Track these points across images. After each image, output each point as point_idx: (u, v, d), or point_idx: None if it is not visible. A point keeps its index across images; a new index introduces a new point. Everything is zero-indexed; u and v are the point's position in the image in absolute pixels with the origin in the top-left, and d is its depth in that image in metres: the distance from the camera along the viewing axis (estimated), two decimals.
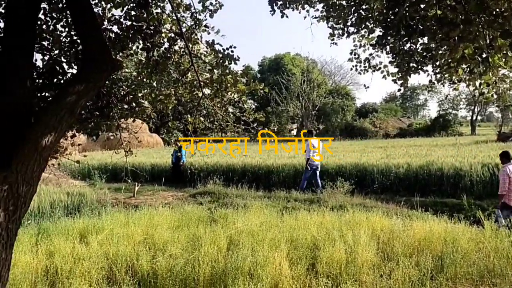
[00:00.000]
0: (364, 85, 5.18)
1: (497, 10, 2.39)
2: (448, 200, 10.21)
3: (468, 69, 2.92)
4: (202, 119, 5.64)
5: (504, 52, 2.57)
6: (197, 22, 4.85)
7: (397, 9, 3.42)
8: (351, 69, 4.90)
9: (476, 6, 2.24)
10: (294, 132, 53.63)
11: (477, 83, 3.12)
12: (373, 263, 4.58)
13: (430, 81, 4.03)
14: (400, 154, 16.43)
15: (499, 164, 10.96)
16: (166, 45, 4.83)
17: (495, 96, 3.63)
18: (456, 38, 2.44)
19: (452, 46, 2.58)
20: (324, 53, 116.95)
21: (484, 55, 2.56)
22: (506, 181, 7.42)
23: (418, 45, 3.77)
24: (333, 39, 4.52)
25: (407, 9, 3.14)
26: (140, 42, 4.76)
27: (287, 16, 4.70)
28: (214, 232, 5.61)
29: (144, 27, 4.53)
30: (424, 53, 3.68)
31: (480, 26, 2.37)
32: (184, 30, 4.60)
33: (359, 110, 54.63)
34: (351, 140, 38.42)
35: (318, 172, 12.06)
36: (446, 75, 3.60)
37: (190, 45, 4.55)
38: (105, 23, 4.62)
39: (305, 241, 5.18)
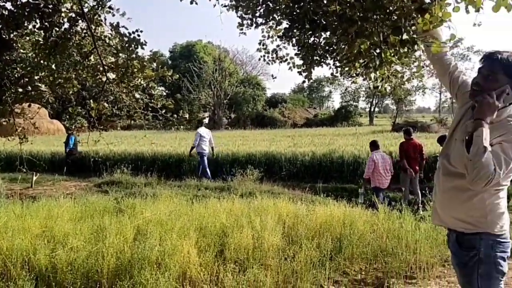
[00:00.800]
0: (272, 75, 5.32)
1: (390, 8, 2.59)
2: (348, 186, 10.96)
3: (364, 63, 3.15)
4: (106, 105, 5.40)
5: (396, 48, 2.80)
6: (100, 2, 4.60)
7: (302, 3, 3.55)
8: (259, 59, 4.99)
9: (371, 4, 2.42)
10: (206, 120, 53.42)
11: (372, 77, 3.38)
12: (279, 247, 4.76)
13: (332, 74, 4.25)
14: (306, 143, 17.22)
15: (393, 152, 12.03)
16: (66, 25, 4.52)
17: (388, 90, 3.95)
18: (354, 33, 2.62)
19: (350, 41, 2.76)
20: (236, 42, 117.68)
21: (378, 51, 2.78)
22: (371, 166, 8.66)
23: (321, 39, 3.96)
24: (242, 29, 4.55)
25: (311, 3, 3.28)
26: (37, 21, 4.39)
27: (196, 3, 4.63)
28: (121, 222, 5.42)
29: (42, 5, 4.19)
30: (326, 47, 3.88)
31: (375, 23, 2.56)
32: (86, 10, 4.34)
33: (269, 100, 56.01)
34: (262, 129, 39.35)
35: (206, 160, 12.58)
36: (346, 69, 3.83)
37: (93, 27, 4.31)
38: None
39: (214, 229, 5.22)
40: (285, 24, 4.19)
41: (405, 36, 2.36)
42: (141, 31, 4.34)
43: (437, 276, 4.54)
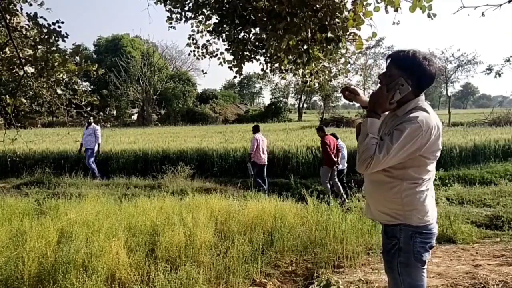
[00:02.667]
0: (202, 71, 5.28)
1: (317, 6, 2.67)
2: (278, 180, 11.19)
3: (293, 59, 3.23)
4: (24, 100, 5.03)
5: (323, 45, 2.90)
6: None
7: None
8: (189, 54, 4.94)
9: (298, 1, 2.48)
10: (135, 116, 51.83)
11: (301, 73, 3.48)
12: (211, 243, 4.75)
13: (262, 69, 4.31)
14: (238, 138, 17.31)
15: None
16: None
17: (317, 85, 4.09)
18: (282, 30, 2.67)
19: (279, 37, 2.81)
20: (165, 37, 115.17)
21: (306, 47, 2.86)
22: (255, 144, 10.25)
23: (251, 35, 4.00)
24: (171, 23, 4.46)
25: None
26: None
27: None
28: (43, 225, 5.10)
29: None
30: (256, 43, 3.92)
31: (303, 19, 2.63)
32: None
33: (200, 96, 55.51)
34: (193, 125, 38.94)
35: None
36: (276, 65, 3.90)
37: (8, 17, 3.98)
38: None
39: (144, 228, 5.09)
40: (214, 19, 4.18)
41: (330, 34, 2.45)
42: (62, 22, 4.09)
43: (363, 264, 4.78)
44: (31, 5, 4.35)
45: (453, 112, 40.88)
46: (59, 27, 4.04)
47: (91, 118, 11.54)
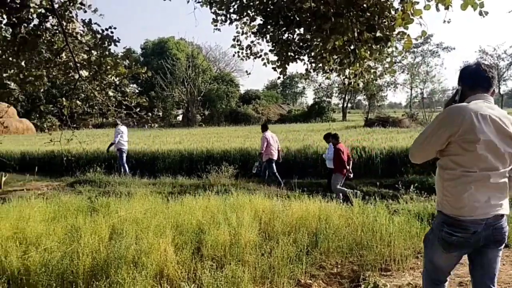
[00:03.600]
0: (246, 72, 5.34)
1: (364, 5, 2.64)
2: (322, 181, 11.06)
3: (338, 59, 3.20)
4: (79, 103, 5.28)
5: (369, 45, 2.86)
6: None
7: (276, 0, 3.58)
8: (234, 55, 5.00)
9: (345, 1, 2.46)
10: (180, 117, 53.02)
11: (346, 73, 3.44)
12: (256, 243, 4.79)
13: (306, 69, 4.29)
14: (280, 139, 17.24)
15: (366, 147, 12.26)
16: (36, 21, 4.39)
17: (361, 85, 4.03)
18: (328, 30, 2.65)
19: (324, 37, 2.80)
20: (209, 39, 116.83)
21: (352, 47, 2.83)
22: (265, 143, 10.90)
23: (295, 36, 4.00)
24: (216, 25, 4.55)
25: (284, 0, 3.31)
26: (4, 16, 4.26)
27: None
28: (95, 222, 5.34)
29: (8, 0, 4.06)
30: (301, 43, 3.92)
31: (349, 19, 2.61)
32: (56, 6, 4.23)
33: (243, 96, 55.92)
34: (236, 125, 39.29)
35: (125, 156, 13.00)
36: (320, 65, 3.88)
37: (64, 23, 4.20)
38: None
39: (190, 226, 5.20)
40: (259, 20, 4.22)
41: (378, 33, 2.41)
42: (115, 28, 4.27)
43: (411, 267, 4.65)
44: (85, 11, 4.58)
45: (507, 111, 38.88)
46: (112, 32, 4.23)
47: (118, 119, 12.18)
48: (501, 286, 3.90)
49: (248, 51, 4.79)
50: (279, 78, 4.57)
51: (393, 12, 2.66)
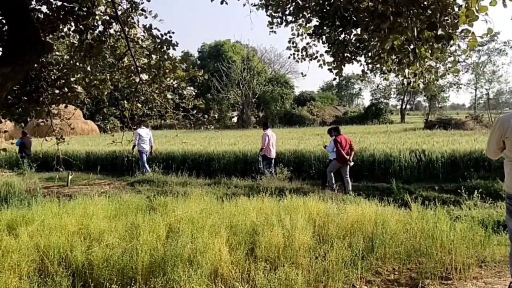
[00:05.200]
0: (302, 73, 5.31)
1: (425, 3, 2.54)
2: (379, 184, 10.77)
3: (397, 59, 3.10)
4: (139, 105, 5.50)
5: (430, 43, 2.74)
6: (134, 5, 4.69)
7: (332, 0, 3.53)
8: (289, 57, 5.01)
9: None
10: (235, 119, 53.77)
11: (406, 73, 3.32)
12: (310, 246, 4.74)
13: (363, 70, 4.20)
14: None
15: (426, 150, 11.78)
16: (101, 28, 4.64)
17: (422, 86, 3.87)
18: (386, 29, 2.57)
19: (382, 37, 2.71)
20: (264, 41, 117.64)
21: (412, 47, 2.72)
22: (266, 140, 11.80)
23: (352, 36, 3.92)
24: (272, 28, 4.56)
25: (341, 0, 3.25)
26: (72, 24, 4.52)
27: (226, 3, 4.67)
28: (153, 220, 5.53)
29: (76, 8, 4.31)
30: (357, 44, 3.84)
31: (408, 18, 2.51)
32: (119, 13, 4.44)
33: (298, 98, 55.75)
34: (290, 127, 39.20)
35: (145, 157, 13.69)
36: (377, 65, 3.78)
37: (126, 29, 4.41)
38: (33, 2, 4.34)
39: (244, 227, 5.24)
40: (315, 22, 4.18)
41: (440, 31, 2.31)
42: (173, 33, 4.40)
43: (474, 277, 4.41)
44: (146, 17, 4.77)
45: None
46: (170, 37, 4.36)
47: (141, 123, 12.85)
48: None
49: (304, 53, 4.76)
50: (334, 79, 4.50)
51: (456, 9, 2.54)
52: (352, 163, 10.58)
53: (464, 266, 4.48)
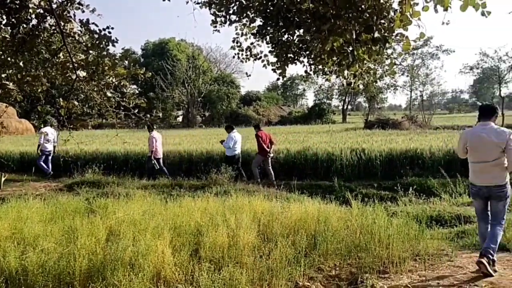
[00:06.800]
0: (246, 73, 5.33)
1: (362, 7, 2.62)
2: (322, 183, 11.05)
3: (337, 61, 3.18)
4: (76, 103, 5.25)
5: (368, 46, 2.83)
6: None
7: (275, 1, 3.56)
8: (233, 57, 4.99)
9: (344, 2, 2.44)
10: (180, 118, 53.00)
11: (345, 74, 3.42)
12: (254, 245, 4.77)
13: (306, 71, 4.28)
14: (281, 140, 17.28)
15: (365, 149, 12.24)
16: (34, 21, 4.37)
17: (361, 87, 4.01)
18: (327, 31, 2.63)
19: (323, 39, 2.78)
20: (210, 40, 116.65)
21: (350, 49, 2.81)
22: (154, 142, 12.09)
23: (295, 37, 3.98)
24: (215, 26, 4.53)
25: (284, 1, 3.29)
26: (4, 17, 4.24)
27: (169, 0, 4.57)
28: (93, 223, 5.32)
29: (8, 0, 4.04)
30: (300, 45, 3.90)
31: (347, 21, 2.59)
32: (54, 6, 4.21)
33: (244, 98, 55.93)
34: (236, 127, 39.16)
35: (50, 158, 13.66)
36: (319, 66, 3.87)
37: (62, 23, 4.18)
38: None
39: (189, 228, 5.18)
40: (258, 22, 4.20)
41: (376, 34, 2.40)
42: (112, 28, 4.25)
43: (409, 270, 4.63)
44: (83, 11, 4.55)
45: (507, 114, 38.82)
46: (110, 32, 4.20)
47: (49, 122, 12.62)
48: None
49: (248, 53, 4.77)
50: (278, 79, 4.56)
51: (392, 14, 2.65)
52: (272, 155, 11.79)
53: (400, 260, 4.69)
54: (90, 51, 4.27)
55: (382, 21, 2.44)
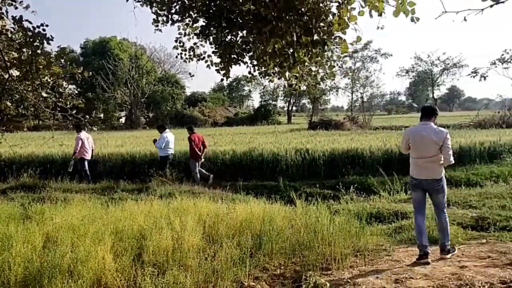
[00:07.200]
0: (190, 74, 5.30)
1: (302, 10, 2.68)
2: (267, 183, 11.16)
3: (279, 62, 3.23)
4: (9, 104, 4.95)
5: (308, 48, 2.90)
6: None
7: (218, 1, 3.55)
8: (176, 57, 4.92)
9: (284, 4, 2.48)
10: (123, 120, 51.51)
11: (287, 76, 3.49)
12: (199, 247, 4.73)
13: (249, 72, 4.30)
14: (227, 141, 17.29)
15: (309, 149, 12.52)
16: None
17: (303, 88, 4.10)
18: (268, 33, 2.67)
19: (264, 40, 2.81)
20: (154, 39, 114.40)
21: (291, 50, 2.86)
22: (80, 143, 11.77)
23: (238, 38, 4.00)
24: (157, 26, 4.44)
25: (226, 2, 3.29)
26: None
27: None
28: (28, 230, 5.04)
29: None
30: (244, 46, 3.92)
31: (288, 23, 2.64)
32: None
33: (189, 98, 55.37)
34: (181, 128, 38.64)
35: None
36: (263, 68, 3.90)
37: None
38: None
39: (131, 232, 5.04)
40: (201, 22, 4.17)
41: (316, 37, 2.46)
42: (47, 25, 4.03)
43: (350, 266, 4.79)
44: (16, 8, 4.29)
45: (440, 114, 41.19)
46: (44, 30, 3.98)
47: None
48: (435, 282, 4.10)
49: (191, 53, 4.72)
50: (222, 80, 4.55)
51: (331, 17, 2.74)
52: (203, 160, 11.79)
53: (342, 256, 4.85)
54: (24, 49, 4.03)
55: (322, 24, 2.51)
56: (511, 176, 10.52)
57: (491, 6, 2.04)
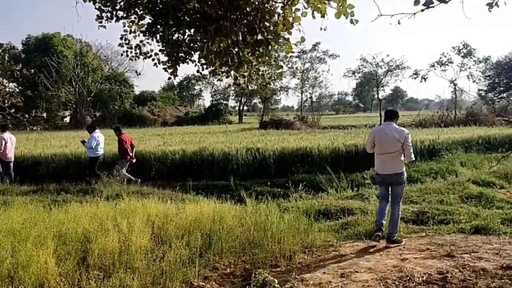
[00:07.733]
0: (136, 72, 5.20)
1: (247, 9, 2.71)
2: (218, 182, 11.17)
3: (224, 61, 3.24)
4: None
5: (253, 48, 2.93)
6: None
7: None
8: (122, 54, 4.81)
9: (228, 3, 2.50)
10: (68, 119, 49.44)
11: (232, 75, 3.50)
12: (147, 248, 4.65)
13: (198, 71, 4.28)
14: (177, 141, 17.07)
15: (260, 148, 12.64)
16: None
17: (252, 88, 4.13)
18: (213, 31, 2.67)
19: (210, 39, 2.81)
20: (100, 36, 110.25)
21: (236, 50, 2.88)
22: (2, 144, 11.14)
23: (186, 36, 3.95)
24: (101, 22, 4.31)
25: None
26: None
27: None
28: None
29: None
30: (191, 44, 3.89)
31: (232, 22, 2.65)
32: None
33: (138, 97, 53.99)
34: (130, 128, 37.67)
35: None
36: (211, 66, 3.89)
37: None
38: None
39: (75, 235, 4.87)
40: (148, 19, 4.09)
41: (260, 37, 2.49)
42: None
43: (299, 262, 4.89)
44: None
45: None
46: None
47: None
48: (378, 275, 4.27)
49: (138, 51, 4.62)
50: (169, 78, 4.52)
51: (276, 17, 2.79)
52: (134, 160, 11.78)
53: (291, 253, 4.95)
54: None
55: (267, 24, 2.55)
56: (449, 172, 11.16)
57: (422, 10, 2.16)
